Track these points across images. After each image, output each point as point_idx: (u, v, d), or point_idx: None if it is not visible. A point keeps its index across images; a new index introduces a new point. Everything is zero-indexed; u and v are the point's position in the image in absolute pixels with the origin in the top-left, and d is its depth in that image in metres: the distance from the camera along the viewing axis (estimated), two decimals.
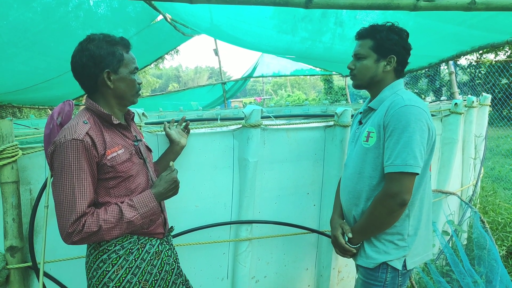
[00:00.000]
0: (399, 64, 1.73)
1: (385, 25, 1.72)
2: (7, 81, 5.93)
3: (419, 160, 1.54)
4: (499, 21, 3.58)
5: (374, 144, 1.66)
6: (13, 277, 1.94)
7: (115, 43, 1.49)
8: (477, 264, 3.00)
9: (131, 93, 1.56)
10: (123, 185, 1.51)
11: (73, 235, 1.34)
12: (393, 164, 1.55)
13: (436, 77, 15.12)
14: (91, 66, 1.44)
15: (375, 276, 1.71)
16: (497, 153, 8.26)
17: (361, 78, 1.78)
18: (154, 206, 1.52)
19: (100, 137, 1.45)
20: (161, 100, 10.70)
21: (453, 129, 3.28)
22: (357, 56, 1.78)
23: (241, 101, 25.59)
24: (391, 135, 1.58)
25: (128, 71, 1.52)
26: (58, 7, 4.20)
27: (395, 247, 1.68)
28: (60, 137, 1.37)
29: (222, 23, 4.90)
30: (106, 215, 1.40)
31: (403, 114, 1.56)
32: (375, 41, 1.71)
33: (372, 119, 1.72)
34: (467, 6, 1.75)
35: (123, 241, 1.51)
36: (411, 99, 1.60)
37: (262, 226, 2.46)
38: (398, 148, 1.54)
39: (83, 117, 1.46)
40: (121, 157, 1.49)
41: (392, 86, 1.73)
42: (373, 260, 1.70)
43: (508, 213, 3.98)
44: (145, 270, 1.54)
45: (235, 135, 2.31)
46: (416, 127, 1.54)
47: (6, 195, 1.87)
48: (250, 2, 1.61)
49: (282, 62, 10.41)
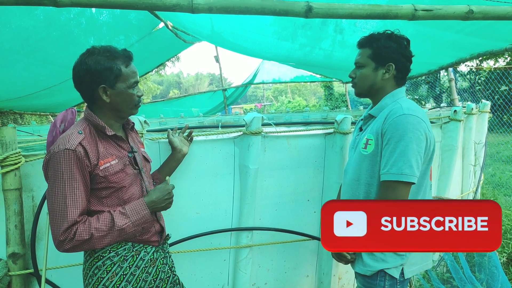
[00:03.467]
0: (399, 71, 1.73)
1: (384, 33, 1.72)
2: (9, 87, 5.95)
3: (415, 170, 1.54)
4: (498, 29, 3.61)
5: (372, 151, 1.67)
6: (15, 284, 1.95)
7: (115, 58, 1.48)
8: (477, 271, 2.99)
9: (128, 106, 1.56)
10: (116, 195, 1.52)
11: (65, 243, 1.36)
12: (388, 173, 1.56)
13: (436, 83, 15.16)
14: (88, 80, 1.46)
15: (373, 284, 1.71)
16: (497, 159, 8.26)
17: (361, 87, 1.80)
18: (146, 214, 1.53)
19: (94, 147, 1.47)
20: (162, 107, 10.72)
21: (452, 136, 3.30)
22: (357, 65, 1.80)
23: (242, 107, 25.64)
24: (388, 143, 1.58)
25: (125, 86, 1.51)
26: (60, 14, 4.22)
27: (392, 255, 1.67)
28: (54, 147, 1.41)
29: (223, 30, 4.94)
30: (98, 223, 1.42)
31: (401, 123, 1.56)
32: (373, 50, 1.71)
33: (372, 127, 1.73)
34: (464, 15, 1.78)
35: (117, 248, 1.52)
36: (409, 108, 1.60)
37: (263, 233, 2.47)
38: (395, 156, 1.55)
39: (79, 127, 1.48)
40: (114, 168, 1.50)
41: (393, 94, 1.73)
42: (370, 268, 1.69)
43: (509, 219, 3.98)
44: (140, 277, 1.54)
45: (236, 142, 2.32)
46: (413, 136, 1.54)
47: (9, 202, 1.89)
48: (251, 12, 1.63)
49: (282, 68, 10.43)
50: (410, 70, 1.78)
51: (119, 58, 1.50)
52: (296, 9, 1.63)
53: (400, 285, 1.70)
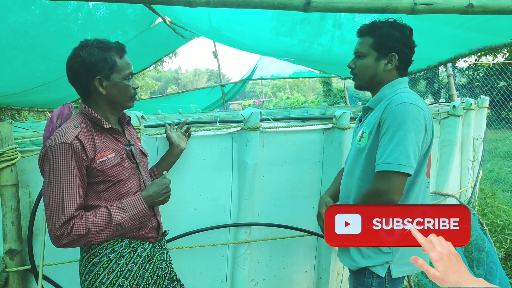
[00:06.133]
0: (402, 62, 1.65)
1: (387, 21, 1.64)
2: (6, 83, 5.92)
3: (412, 161, 1.46)
4: (497, 23, 3.60)
5: (364, 144, 1.62)
6: (12, 280, 1.94)
7: (108, 49, 1.48)
8: (476, 266, 3.00)
9: (124, 98, 1.55)
10: (113, 189, 1.51)
11: (61, 238, 1.34)
12: (384, 162, 1.48)
13: (435, 79, 15.16)
14: (83, 73, 1.45)
15: (361, 280, 1.67)
16: (495, 155, 8.27)
17: (361, 78, 1.71)
18: (144, 209, 1.52)
19: (91, 141, 1.45)
20: (160, 103, 10.68)
21: (451, 131, 3.30)
22: (357, 55, 1.70)
23: (240, 103, 25.61)
24: (385, 132, 1.51)
25: (121, 77, 1.51)
26: (57, 9, 4.19)
27: (377, 252, 1.62)
28: (50, 141, 1.39)
29: (221, 26, 4.91)
30: (95, 218, 1.40)
31: (400, 112, 1.49)
32: (375, 39, 1.63)
33: (369, 119, 1.67)
34: (464, 9, 1.76)
35: (114, 245, 1.51)
36: (410, 97, 1.53)
37: (261, 229, 2.46)
38: (391, 146, 1.47)
39: (75, 121, 1.47)
40: (111, 161, 1.49)
41: (392, 85, 1.65)
42: (355, 263, 1.66)
43: (507, 215, 3.98)
44: (137, 274, 1.54)
45: (234, 137, 2.31)
46: (412, 126, 1.46)
47: (5, 198, 1.87)
48: (249, 6, 1.61)
49: (281, 64, 10.40)
50: (412, 61, 1.70)
51: (113, 50, 1.50)
52: (295, 2, 1.61)
53: (390, 285, 1.63)
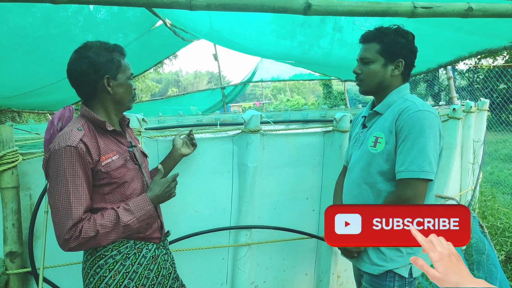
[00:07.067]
0: (406, 68, 1.68)
1: (391, 28, 1.66)
2: (7, 85, 5.94)
3: (434, 166, 1.52)
4: (497, 26, 3.61)
5: (382, 149, 1.62)
6: (13, 283, 1.94)
7: (112, 50, 1.52)
8: (476, 269, 3.00)
9: (128, 98, 1.59)
10: (118, 191, 1.52)
11: (70, 241, 1.34)
12: (407, 170, 1.51)
13: (435, 82, 15.16)
14: (91, 73, 1.46)
15: (382, 284, 1.67)
16: (495, 157, 8.27)
17: (369, 84, 1.71)
18: (150, 210, 1.53)
19: (95, 143, 1.46)
20: (160, 105, 10.70)
21: (451, 134, 3.30)
22: (364, 61, 1.70)
23: (241, 105, 25.64)
24: (404, 140, 1.53)
25: (125, 77, 1.55)
26: (58, 12, 4.21)
27: (400, 255, 1.64)
28: (55, 144, 1.39)
29: (222, 28, 4.93)
30: (103, 220, 1.40)
31: (417, 119, 1.52)
32: (383, 45, 1.64)
33: (381, 124, 1.67)
34: (464, 13, 1.77)
35: (119, 246, 1.52)
36: (424, 105, 1.57)
37: (262, 231, 2.46)
38: (413, 153, 1.51)
39: (78, 124, 1.47)
40: (115, 163, 1.50)
41: (399, 90, 1.68)
42: (379, 267, 1.66)
43: (507, 217, 3.98)
44: (142, 274, 1.55)
45: (235, 140, 2.31)
46: (431, 133, 1.51)
47: (6, 200, 1.88)
48: (250, 9, 1.62)
49: (281, 67, 10.42)
50: (415, 66, 1.72)
51: (116, 51, 1.53)
52: (295, 6, 1.62)
53: (409, 285, 1.67)
